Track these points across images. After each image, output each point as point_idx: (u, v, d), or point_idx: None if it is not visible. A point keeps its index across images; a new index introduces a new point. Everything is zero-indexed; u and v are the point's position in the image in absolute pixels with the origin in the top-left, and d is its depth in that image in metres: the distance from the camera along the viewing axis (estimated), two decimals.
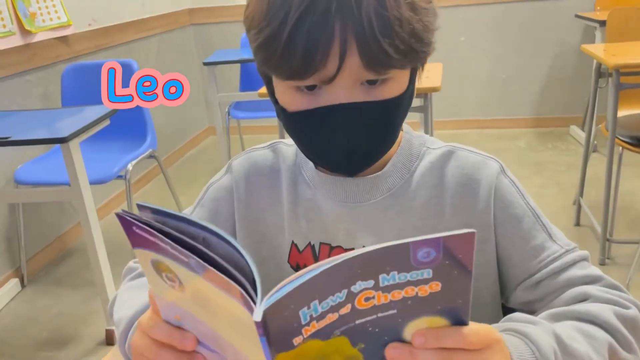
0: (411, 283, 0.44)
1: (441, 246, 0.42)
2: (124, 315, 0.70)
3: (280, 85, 0.66)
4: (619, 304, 0.64)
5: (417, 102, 2.42)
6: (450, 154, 0.74)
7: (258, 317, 0.43)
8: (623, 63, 2.14)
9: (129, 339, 0.67)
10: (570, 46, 3.89)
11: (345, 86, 0.61)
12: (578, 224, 2.70)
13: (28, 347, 2.20)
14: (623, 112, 2.55)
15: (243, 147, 3.85)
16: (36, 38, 2.74)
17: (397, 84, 0.64)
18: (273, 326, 0.44)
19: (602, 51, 2.37)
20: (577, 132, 3.84)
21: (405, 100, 0.67)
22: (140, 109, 2.68)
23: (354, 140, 0.64)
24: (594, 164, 3.04)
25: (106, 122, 2.08)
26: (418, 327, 0.48)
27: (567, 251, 0.70)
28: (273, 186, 0.78)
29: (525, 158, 3.62)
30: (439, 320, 0.47)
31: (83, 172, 1.97)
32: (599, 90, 2.50)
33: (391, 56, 0.59)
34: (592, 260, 2.49)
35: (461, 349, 0.47)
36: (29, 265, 2.67)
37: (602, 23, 3.06)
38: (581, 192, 2.69)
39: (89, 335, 2.24)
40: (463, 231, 0.42)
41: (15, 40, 2.62)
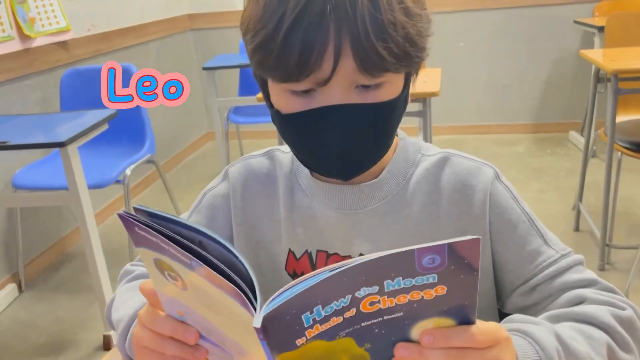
0: (417, 287, 0.44)
1: (446, 252, 0.43)
2: (125, 314, 0.70)
3: (275, 88, 0.66)
4: (615, 305, 0.65)
5: (416, 107, 2.42)
6: (445, 160, 0.75)
7: (257, 324, 0.43)
8: (621, 68, 2.15)
9: (130, 335, 0.67)
10: (569, 52, 3.90)
11: (340, 89, 0.62)
12: (577, 229, 2.70)
13: (26, 352, 2.19)
14: (622, 118, 2.55)
15: (242, 152, 3.85)
16: (35, 43, 2.74)
17: (391, 88, 0.64)
18: (274, 330, 0.44)
19: (601, 56, 2.38)
20: (577, 138, 3.84)
21: (400, 105, 0.67)
22: (139, 114, 2.68)
23: (348, 143, 0.64)
24: (593, 170, 3.04)
25: (104, 127, 2.08)
26: (425, 328, 0.48)
27: (563, 256, 0.70)
28: (270, 193, 0.78)
29: (524, 164, 3.62)
30: (446, 320, 0.47)
31: (81, 177, 1.97)
32: (598, 95, 2.51)
33: (385, 59, 0.59)
34: (592, 265, 2.47)
35: (470, 348, 0.48)
36: (26, 270, 2.66)
37: (601, 29, 3.08)
38: (580, 198, 2.69)
39: (86, 341, 2.23)
40: (468, 237, 0.42)
41: (15, 45, 2.62)
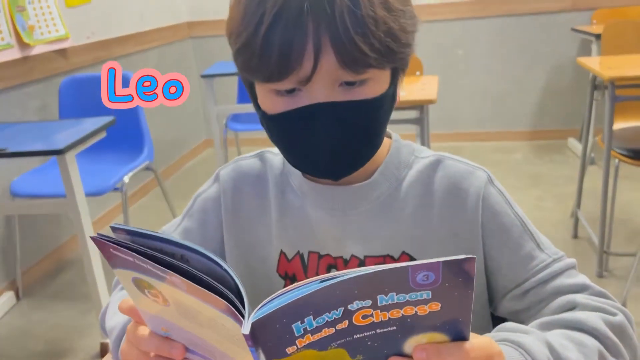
0: (410, 303, 0.44)
1: (440, 270, 0.42)
2: (117, 323, 0.70)
3: (261, 90, 0.66)
4: (606, 311, 0.64)
5: (413, 114, 2.43)
6: (438, 163, 0.74)
7: (246, 330, 0.43)
8: (618, 76, 2.16)
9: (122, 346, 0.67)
10: (567, 59, 3.91)
11: (324, 86, 0.61)
12: (576, 236, 2.69)
13: None
14: (619, 125, 2.56)
15: None
16: (34, 51, 2.74)
17: (377, 84, 0.64)
18: (263, 337, 0.44)
19: (598, 64, 2.39)
20: (575, 145, 3.84)
21: (387, 102, 0.66)
22: (137, 121, 2.68)
23: (335, 142, 0.64)
24: (591, 177, 3.04)
25: (102, 134, 2.08)
26: (418, 342, 0.47)
27: (555, 260, 0.70)
28: (261, 195, 0.78)
29: (522, 171, 3.62)
30: (439, 335, 0.47)
31: (79, 184, 1.97)
32: (595, 103, 2.51)
33: (367, 54, 0.59)
34: (590, 273, 2.46)
35: None
36: (24, 278, 2.66)
37: (598, 36, 3.09)
38: (578, 205, 2.69)
39: (83, 348, 2.22)
40: (463, 256, 0.42)
41: (14, 53, 2.63)
